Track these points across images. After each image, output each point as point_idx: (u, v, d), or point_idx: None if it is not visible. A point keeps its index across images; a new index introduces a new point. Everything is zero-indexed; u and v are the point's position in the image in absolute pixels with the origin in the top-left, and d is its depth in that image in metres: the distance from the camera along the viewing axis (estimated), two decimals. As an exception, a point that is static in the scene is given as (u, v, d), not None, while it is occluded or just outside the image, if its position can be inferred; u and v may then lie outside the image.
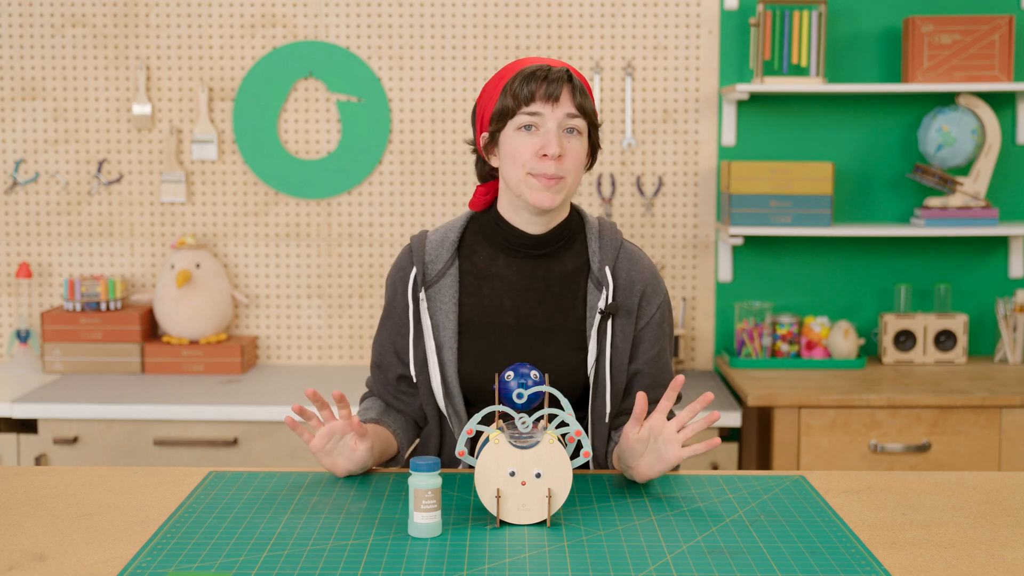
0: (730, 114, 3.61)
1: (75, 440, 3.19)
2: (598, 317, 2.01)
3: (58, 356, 3.54)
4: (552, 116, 1.94)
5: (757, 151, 3.64)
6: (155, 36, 3.65)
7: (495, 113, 1.98)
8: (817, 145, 3.64)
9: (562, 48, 3.61)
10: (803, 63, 3.48)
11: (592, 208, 3.65)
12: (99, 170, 3.68)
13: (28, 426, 3.31)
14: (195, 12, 3.64)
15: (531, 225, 2.04)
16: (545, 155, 1.94)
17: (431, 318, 2.04)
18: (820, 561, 1.59)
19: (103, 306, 3.56)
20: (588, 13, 3.61)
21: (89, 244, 3.71)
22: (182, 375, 3.53)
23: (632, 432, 1.82)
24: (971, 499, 1.86)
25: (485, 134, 2.02)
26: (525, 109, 1.95)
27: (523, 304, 2.04)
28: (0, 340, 3.74)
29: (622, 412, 2.08)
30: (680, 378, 1.82)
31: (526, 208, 2.00)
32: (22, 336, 3.61)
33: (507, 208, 2.05)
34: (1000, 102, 3.59)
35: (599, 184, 3.64)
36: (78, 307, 3.56)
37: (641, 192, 3.64)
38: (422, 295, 2.04)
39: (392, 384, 2.12)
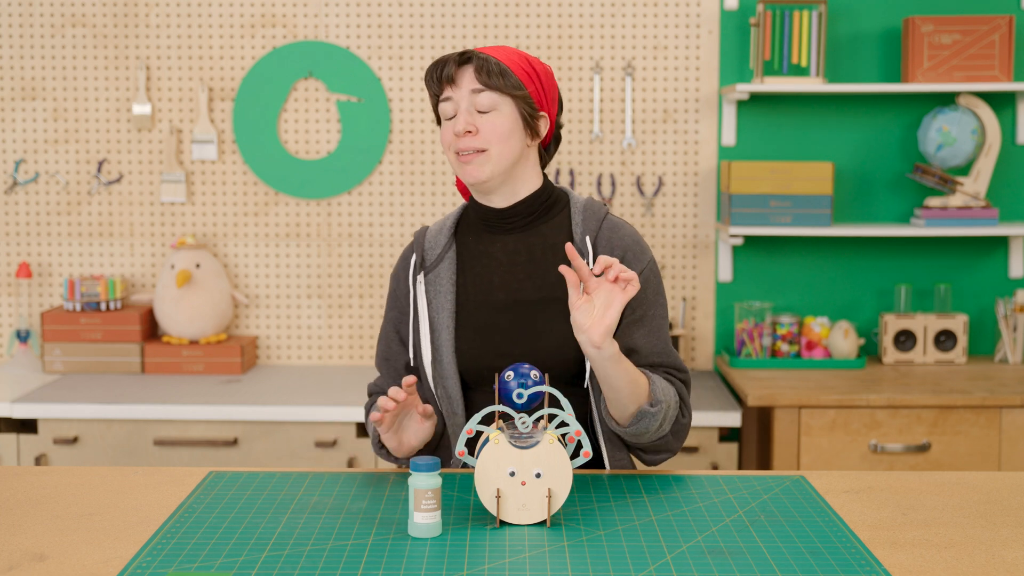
0: (730, 114, 3.61)
1: (75, 440, 3.19)
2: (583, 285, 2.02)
3: (58, 356, 3.54)
4: (459, 96, 2.03)
5: (757, 151, 3.64)
6: (155, 36, 3.65)
7: (433, 111, 2.12)
8: (817, 145, 3.64)
9: (562, 48, 3.61)
10: (803, 63, 3.48)
11: (592, 208, 3.65)
12: (99, 170, 3.68)
13: (28, 426, 3.31)
14: (195, 12, 3.64)
15: (493, 200, 2.10)
16: (456, 134, 2.03)
17: (431, 301, 2.08)
18: (820, 561, 1.58)
19: (103, 306, 3.56)
20: (588, 13, 3.61)
21: (89, 244, 3.71)
22: (182, 375, 3.53)
23: (573, 297, 1.84)
24: (971, 499, 1.86)
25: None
26: (438, 96, 2.06)
27: (511, 279, 2.07)
28: (0, 340, 3.74)
29: None
30: (570, 248, 1.84)
31: (471, 186, 2.08)
32: (22, 336, 3.61)
33: (464, 182, 2.13)
34: (1000, 102, 3.59)
35: (599, 184, 3.64)
36: (78, 307, 3.56)
37: (641, 192, 3.64)
38: (420, 278, 2.09)
39: (403, 375, 2.13)
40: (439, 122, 2.11)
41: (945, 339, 3.54)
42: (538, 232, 2.10)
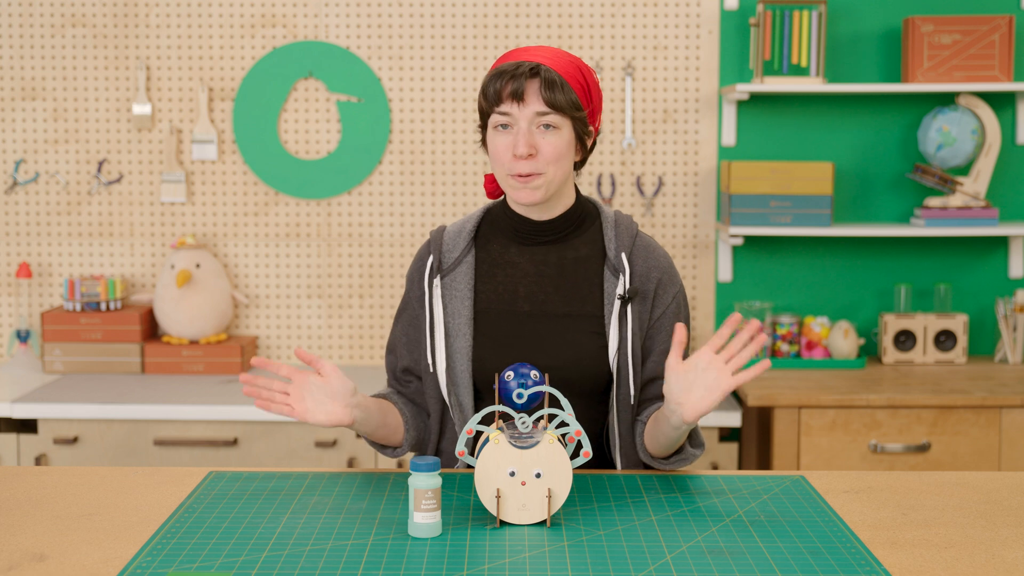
0: (730, 114, 3.61)
1: (75, 440, 3.19)
2: (617, 303, 2.02)
3: (58, 356, 3.54)
4: (521, 115, 1.95)
5: (757, 151, 3.64)
6: (155, 36, 3.65)
7: (479, 112, 2.02)
8: (817, 145, 3.64)
9: (562, 48, 3.61)
10: (803, 63, 3.48)
11: (592, 208, 3.65)
12: (99, 170, 3.68)
13: (28, 426, 3.31)
14: (195, 12, 3.64)
15: (533, 213, 2.06)
16: (515, 155, 1.95)
17: (447, 306, 2.05)
18: (820, 561, 1.59)
19: (103, 306, 3.56)
20: (588, 13, 3.61)
21: (89, 244, 3.71)
22: (182, 375, 3.53)
23: (672, 365, 1.80)
24: (971, 499, 1.86)
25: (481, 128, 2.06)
26: (496, 109, 1.97)
27: (538, 291, 2.05)
28: (0, 340, 3.74)
29: (645, 400, 2.07)
30: (681, 327, 1.80)
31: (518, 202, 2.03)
32: (22, 336, 3.61)
33: (510, 199, 2.07)
34: (1000, 102, 3.59)
35: (599, 184, 3.64)
36: (78, 307, 3.56)
37: (641, 192, 3.65)
38: (436, 282, 2.06)
39: (400, 373, 2.14)
40: (484, 128, 2.02)
41: (945, 339, 3.54)
42: (570, 246, 2.07)
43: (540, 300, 2.04)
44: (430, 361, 2.06)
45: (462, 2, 3.61)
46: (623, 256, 2.04)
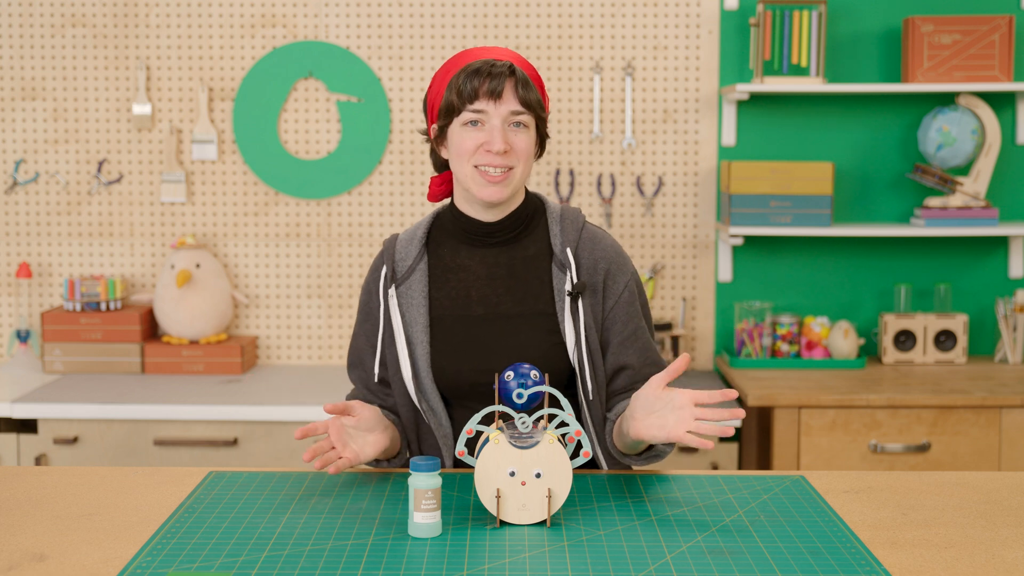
0: (730, 114, 3.61)
1: (75, 440, 3.19)
2: (567, 300, 2.02)
3: (58, 356, 3.54)
4: (496, 112, 1.97)
5: (757, 151, 3.64)
6: (155, 36, 3.65)
7: (442, 109, 2.01)
8: (817, 145, 3.64)
9: (562, 48, 3.61)
10: (803, 63, 3.48)
11: (592, 208, 3.65)
12: (99, 170, 3.68)
13: (28, 426, 3.31)
14: (195, 12, 3.64)
15: (485, 214, 2.06)
16: (489, 150, 1.97)
17: (404, 315, 2.05)
18: (820, 561, 1.59)
19: (103, 306, 3.56)
20: (588, 13, 3.61)
21: (89, 244, 3.71)
22: (182, 375, 3.53)
23: (656, 383, 1.80)
24: (971, 499, 1.86)
25: (435, 126, 2.05)
26: (470, 107, 1.97)
27: (490, 293, 2.05)
28: (0, 340, 3.74)
29: (613, 393, 2.06)
30: (685, 357, 1.79)
31: (478, 201, 2.03)
32: (22, 336, 3.61)
33: (461, 199, 2.07)
34: (1000, 102, 3.59)
35: (599, 184, 3.64)
36: (78, 307, 3.56)
37: (641, 192, 3.65)
38: (392, 291, 2.05)
39: (375, 385, 2.12)
40: (432, 120, 2.04)
41: (945, 339, 3.54)
42: (520, 245, 2.07)
43: (493, 302, 2.04)
44: (376, 372, 2.07)
45: (462, 2, 3.61)
46: (568, 251, 2.04)
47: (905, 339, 3.55)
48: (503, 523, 1.73)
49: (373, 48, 3.64)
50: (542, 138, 2.05)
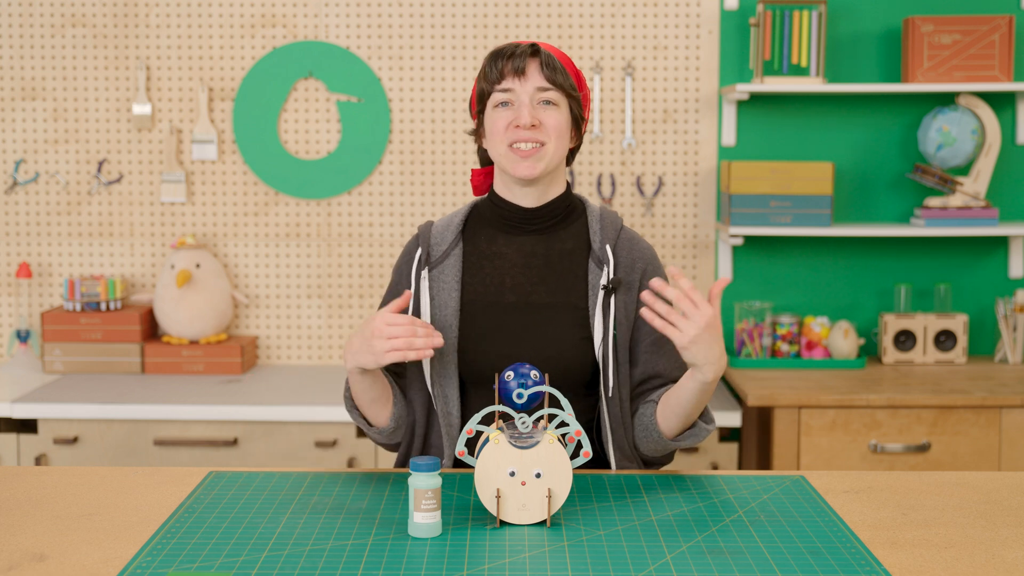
0: (730, 114, 3.61)
1: (75, 440, 3.19)
2: (601, 294, 2.04)
3: (58, 356, 3.54)
4: (523, 89, 2.02)
5: (757, 151, 3.64)
6: (155, 36, 3.65)
7: (476, 98, 2.09)
8: (817, 145, 3.64)
9: (562, 48, 3.61)
10: (803, 63, 3.48)
11: (592, 208, 3.65)
12: (99, 170, 3.68)
13: (28, 426, 3.31)
14: (195, 12, 3.64)
15: (525, 198, 2.09)
16: (518, 126, 2.01)
17: (435, 298, 2.07)
18: (820, 561, 1.59)
19: (103, 306, 3.56)
20: (588, 13, 3.61)
21: (89, 244, 3.71)
22: (182, 375, 3.53)
23: (702, 299, 1.87)
24: (971, 499, 1.86)
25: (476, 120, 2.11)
26: (498, 87, 2.03)
27: (524, 281, 2.07)
28: (0, 340, 3.74)
29: (643, 381, 2.07)
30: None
31: (515, 181, 2.06)
32: (22, 336, 3.61)
33: (501, 186, 2.11)
34: (1000, 102, 3.59)
35: (599, 184, 3.64)
36: (78, 307, 3.56)
37: (641, 192, 3.65)
38: (424, 274, 2.08)
39: (388, 369, 2.12)
40: (480, 112, 2.08)
41: (945, 339, 3.54)
42: (557, 238, 2.10)
43: (526, 291, 2.06)
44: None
45: (462, 2, 3.61)
46: (607, 247, 2.07)
47: (905, 339, 3.55)
48: (503, 523, 1.73)
49: (373, 48, 3.64)
50: (577, 123, 2.08)
